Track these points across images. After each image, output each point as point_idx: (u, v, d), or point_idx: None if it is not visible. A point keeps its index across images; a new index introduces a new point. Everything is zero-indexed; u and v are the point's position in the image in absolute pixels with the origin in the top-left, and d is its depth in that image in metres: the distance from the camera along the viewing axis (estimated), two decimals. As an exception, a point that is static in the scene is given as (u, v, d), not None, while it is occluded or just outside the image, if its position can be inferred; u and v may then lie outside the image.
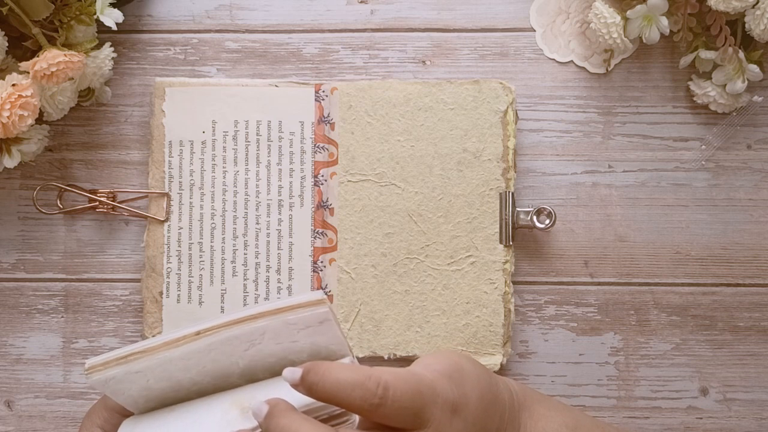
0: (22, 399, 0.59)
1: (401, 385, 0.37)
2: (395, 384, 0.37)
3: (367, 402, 0.36)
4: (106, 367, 0.39)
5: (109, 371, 0.39)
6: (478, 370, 0.42)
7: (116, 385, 0.40)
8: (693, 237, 0.59)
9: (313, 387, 0.37)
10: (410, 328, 0.57)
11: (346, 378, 0.37)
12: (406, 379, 0.37)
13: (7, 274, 0.60)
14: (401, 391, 0.37)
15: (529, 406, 0.46)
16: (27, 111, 0.52)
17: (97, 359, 0.40)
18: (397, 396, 0.37)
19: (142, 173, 0.60)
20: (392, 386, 0.37)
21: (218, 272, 0.58)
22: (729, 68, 0.57)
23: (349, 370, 0.37)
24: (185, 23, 0.61)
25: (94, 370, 0.39)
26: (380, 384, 0.37)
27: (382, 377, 0.37)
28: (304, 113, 0.58)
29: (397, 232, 0.58)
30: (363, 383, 0.37)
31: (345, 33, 0.60)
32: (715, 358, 0.59)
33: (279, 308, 0.38)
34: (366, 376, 0.37)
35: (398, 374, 0.37)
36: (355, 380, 0.37)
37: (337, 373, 0.37)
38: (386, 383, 0.37)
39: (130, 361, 0.39)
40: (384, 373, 0.37)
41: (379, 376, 0.37)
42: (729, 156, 0.59)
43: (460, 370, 0.41)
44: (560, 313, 0.59)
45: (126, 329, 0.59)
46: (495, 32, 0.60)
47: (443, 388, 0.39)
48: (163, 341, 0.39)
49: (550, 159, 0.59)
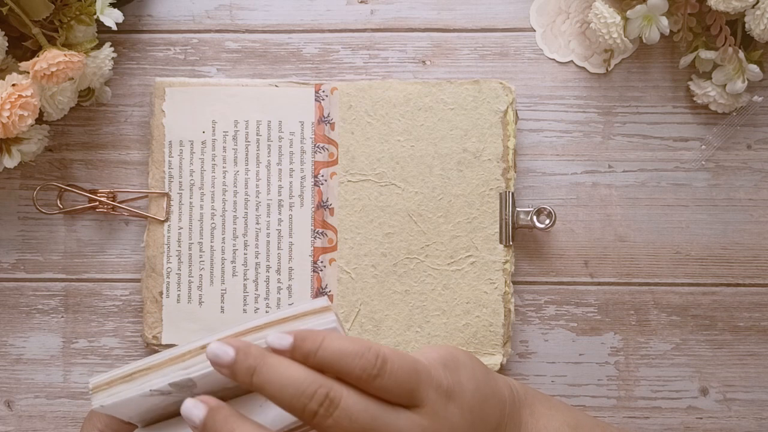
0: (22, 399, 0.59)
1: (399, 360, 0.37)
2: (393, 358, 0.37)
3: (366, 372, 0.37)
4: (111, 386, 0.39)
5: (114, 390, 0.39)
6: (474, 363, 0.42)
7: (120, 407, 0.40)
8: (693, 237, 0.59)
9: (310, 355, 0.37)
10: (410, 328, 0.57)
11: (347, 347, 0.37)
12: (403, 356, 0.38)
13: (7, 274, 0.60)
14: (398, 365, 0.37)
15: (531, 404, 0.46)
16: (27, 111, 0.52)
17: (101, 378, 0.39)
18: (395, 369, 0.37)
19: (142, 173, 0.60)
20: (390, 359, 0.37)
21: (218, 272, 0.58)
22: (729, 68, 0.57)
23: (348, 340, 0.37)
24: (185, 23, 0.61)
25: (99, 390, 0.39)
26: (379, 356, 0.37)
27: (381, 350, 0.37)
28: (304, 113, 0.58)
29: (397, 232, 0.58)
30: (363, 353, 0.37)
31: (345, 33, 0.60)
32: (715, 358, 0.59)
33: (285, 317, 0.38)
34: (366, 347, 0.37)
35: (396, 351, 0.38)
36: (355, 350, 0.37)
37: (339, 342, 0.37)
38: (385, 356, 0.37)
39: (134, 378, 0.39)
40: (383, 347, 0.38)
41: (379, 348, 0.37)
42: (729, 156, 0.59)
43: (455, 360, 0.41)
44: (560, 313, 0.59)
45: (126, 329, 0.59)
46: (495, 32, 0.60)
47: (438, 373, 0.39)
48: (169, 357, 0.39)
49: (550, 159, 0.59)
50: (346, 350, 0.37)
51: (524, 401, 0.46)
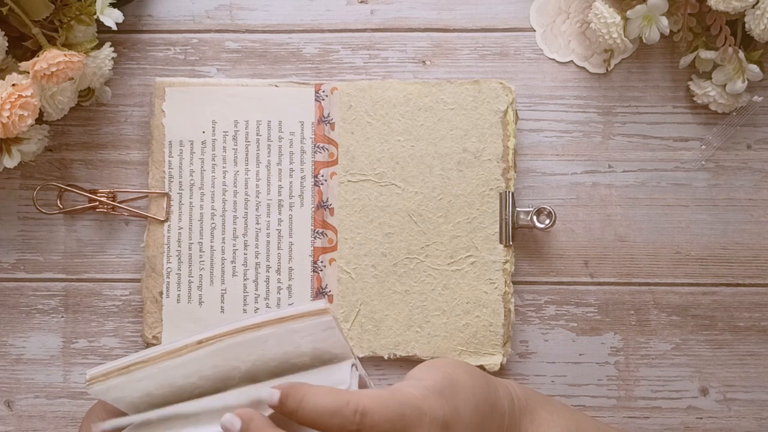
0: (22, 399, 0.59)
1: (380, 410, 0.37)
2: (373, 409, 0.37)
3: (345, 429, 0.36)
4: (107, 377, 0.39)
5: (111, 381, 0.39)
6: (474, 381, 0.41)
7: (117, 393, 0.40)
8: (693, 237, 0.59)
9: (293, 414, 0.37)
10: (410, 328, 0.57)
11: (324, 404, 0.37)
12: (386, 403, 0.37)
13: (7, 274, 0.60)
14: (380, 416, 0.37)
15: (531, 411, 0.45)
16: (27, 111, 0.52)
17: (97, 370, 0.39)
18: (375, 421, 0.37)
19: (142, 173, 0.60)
20: (370, 412, 0.37)
21: (218, 272, 0.58)
22: (729, 68, 0.57)
23: (327, 396, 0.37)
24: (185, 23, 0.61)
25: (95, 381, 0.39)
26: (358, 410, 0.36)
27: (360, 402, 0.37)
28: (304, 113, 0.58)
29: (397, 232, 0.58)
30: (341, 410, 0.36)
31: (345, 33, 0.60)
32: (715, 358, 0.59)
33: (282, 317, 0.38)
34: (344, 402, 0.37)
35: (378, 398, 0.37)
36: (333, 407, 0.36)
37: (315, 399, 0.37)
38: (364, 409, 0.36)
39: (131, 371, 0.39)
40: (363, 397, 0.37)
41: (357, 401, 0.37)
42: (729, 156, 0.59)
43: (452, 385, 0.40)
44: (560, 313, 0.59)
45: (126, 329, 0.59)
46: (495, 32, 0.60)
47: (432, 407, 0.38)
48: (165, 350, 0.39)
49: (550, 159, 0.59)
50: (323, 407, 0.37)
51: (525, 408, 0.45)
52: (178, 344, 0.39)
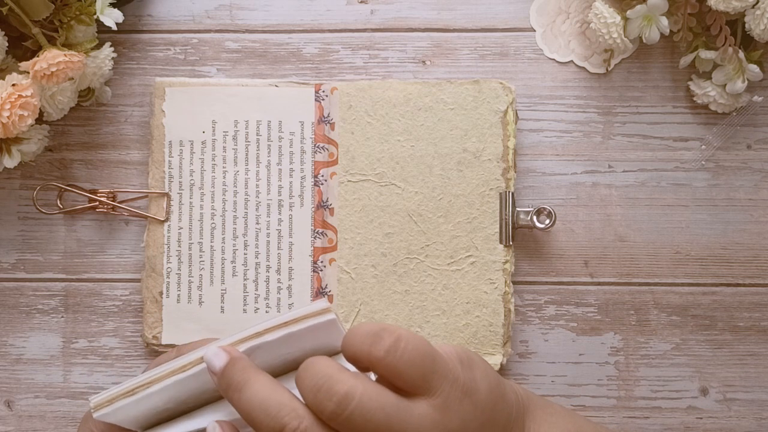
0: (22, 399, 0.59)
1: (414, 341, 0.37)
2: (408, 338, 0.37)
3: (376, 348, 0.37)
4: (112, 403, 0.39)
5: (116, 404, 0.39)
6: (486, 366, 0.42)
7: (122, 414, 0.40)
8: (693, 237, 0.59)
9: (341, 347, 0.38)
10: (410, 328, 0.57)
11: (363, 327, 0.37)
12: (421, 340, 0.38)
13: (7, 274, 0.60)
14: (413, 345, 0.37)
15: (533, 411, 0.46)
16: (27, 111, 0.52)
17: (102, 397, 0.39)
18: (408, 349, 0.37)
19: (142, 173, 0.60)
20: (405, 339, 0.37)
21: (218, 272, 0.58)
22: (729, 68, 0.57)
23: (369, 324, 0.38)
24: (185, 23, 0.61)
25: (101, 407, 0.39)
26: (393, 334, 0.37)
27: (397, 330, 0.37)
28: (304, 113, 0.58)
29: (397, 232, 0.58)
30: (377, 332, 0.37)
31: (345, 33, 0.60)
32: (715, 358, 0.59)
33: (285, 322, 0.38)
34: (382, 328, 0.37)
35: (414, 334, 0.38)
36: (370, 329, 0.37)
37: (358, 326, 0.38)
38: (399, 335, 0.37)
39: (136, 392, 0.39)
40: (400, 328, 0.38)
41: (395, 329, 0.37)
42: (729, 156, 0.59)
43: (470, 359, 0.41)
44: (560, 313, 0.59)
45: (126, 329, 0.59)
46: (495, 32, 0.60)
47: (455, 367, 0.39)
48: (170, 370, 0.39)
49: (550, 159, 0.59)
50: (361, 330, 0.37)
51: (527, 407, 0.45)
52: (182, 362, 0.39)
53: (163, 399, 0.39)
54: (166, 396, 0.39)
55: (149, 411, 0.40)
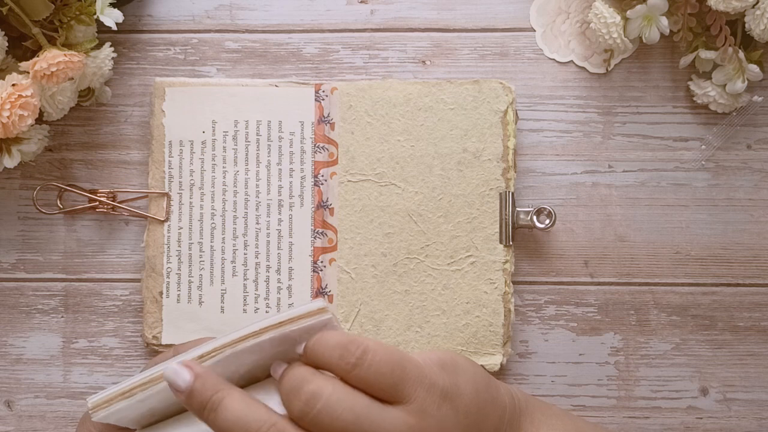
0: (22, 399, 0.59)
1: (382, 353, 0.38)
2: (375, 350, 0.38)
3: (344, 360, 0.37)
4: (110, 403, 0.39)
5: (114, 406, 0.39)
6: (475, 369, 0.42)
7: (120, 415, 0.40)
8: (693, 237, 0.59)
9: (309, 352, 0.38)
10: (410, 328, 0.57)
11: (331, 338, 0.38)
12: (389, 350, 0.38)
13: (7, 274, 0.60)
14: (380, 357, 0.37)
15: (531, 413, 0.46)
16: (27, 111, 0.52)
17: (99, 397, 0.39)
18: (376, 360, 0.37)
19: (142, 173, 0.60)
20: (372, 351, 0.37)
21: (218, 272, 0.58)
22: (729, 68, 0.57)
23: (337, 335, 0.38)
24: (185, 23, 0.61)
25: (99, 408, 0.39)
26: (360, 347, 0.37)
27: (365, 342, 0.38)
28: (304, 113, 0.58)
29: (397, 232, 0.58)
30: (345, 345, 0.38)
31: (345, 33, 0.60)
32: (715, 358, 0.59)
33: (282, 321, 0.38)
34: (350, 340, 0.38)
35: (384, 345, 0.38)
36: (338, 341, 0.38)
37: (327, 336, 0.38)
38: (366, 347, 0.38)
39: (134, 394, 0.39)
40: (370, 340, 0.38)
41: (362, 341, 0.38)
42: (729, 156, 0.59)
43: (454, 363, 0.41)
44: (560, 313, 0.59)
45: (126, 329, 0.59)
46: (495, 32, 0.60)
47: (433, 372, 0.39)
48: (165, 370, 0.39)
49: (550, 159, 0.59)
50: (329, 342, 0.38)
51: (525, 410, 0.45)
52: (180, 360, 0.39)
53: (159, 398, 0.39)
54: (162, 396, 0.39)
55: (147, 410, 0.40)
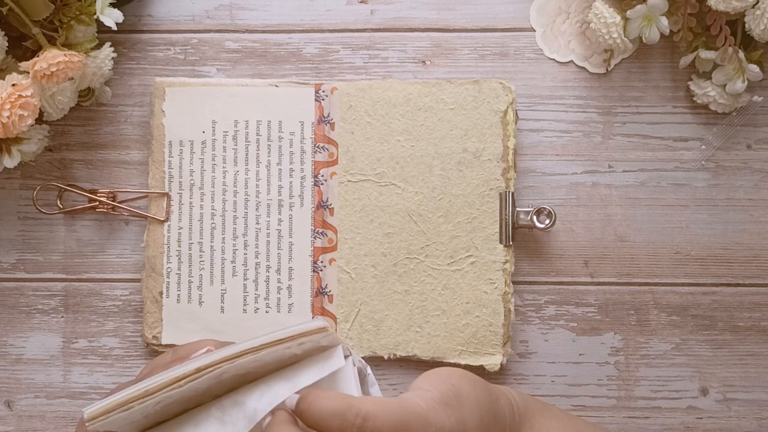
0: (22, 399, 0.59)
1: (383, 416, 0.36)
2: (376, 414, 0.36)
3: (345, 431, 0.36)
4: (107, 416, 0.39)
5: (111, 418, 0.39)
6: (477, 391, 0.41)
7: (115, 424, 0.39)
8: (693, 237, 0.59)
9: (303, 415, 0.37)
10: (410, 328, 0.57)
11: (327, 407, 0.37)
12: (389, 410, 0.37)
13: (7, 274, 0.60)
14: (382, 422, 0.36)
15: (531, 418, 0.45)
16: (27, 111, 0.52)
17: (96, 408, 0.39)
18: (377, 427, 0.36)
19: (142, 173, 0.60)
20: (372, 417, 0.36)
21: (218, 272, 0.58)
22: (729, 68, 0.57)
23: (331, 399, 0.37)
24: (185, 23, 0.61)
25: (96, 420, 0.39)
26: (359, 414, 0.36)
27: (363, 407, 0.36)
28: (304, 113, 0.58)
29: (397, 232, 0.58)
30: (343, 413, 0.36)
31: (345, 33, 0.60)
32: (715, 358, 0.59)
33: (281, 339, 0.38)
34: (347, 406, 0.37)
35: (382, 404, 0.37)
36: (335, 410, 0.37)
37: (321, 401, 0.37)
38: (366, 414, 0.36)
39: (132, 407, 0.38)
40: (366, 403, 0.37)
41: (360, 406, 0.37)
42: (729, 156, 0.59)
43: (458, 396, 0.40)
44: (560, 313, 0.59)
45: (126, 329, 0.59)
46: (495, 32, 0.60)
47: (438, 418, 0.38)
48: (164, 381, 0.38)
49: (550, 159, 0.59)
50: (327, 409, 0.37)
51: (524, 416, 0.45)
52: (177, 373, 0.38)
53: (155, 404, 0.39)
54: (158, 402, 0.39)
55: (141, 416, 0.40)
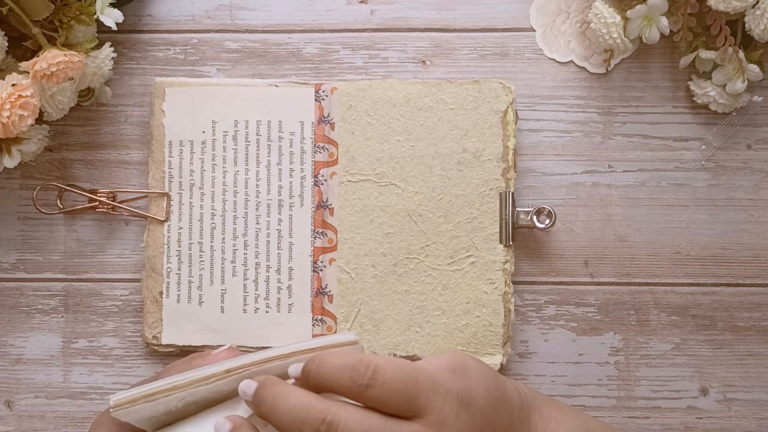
0: (22, 399, 0.59)
1: (393, 369, 0.37)
2: (386, 367, 0.37)
3: (356, 383, 0.37)
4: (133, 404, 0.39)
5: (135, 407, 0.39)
6: (483, 368, 0.42)
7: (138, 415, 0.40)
8: (693, 237, 0.59)
9: (311, 375, 0.37)
10: (410, 328, 0.57)
11: (337, 362, 0.37)
12: (400, 365, 0.37)
13: (7, 274, 0.60)
14: (392, 374, 0.37)
15: (539, 408, 0.45)
16: (27, 111, 0.52)
17: (123, 397, 0.39)
18: (387, 378, 0.37)
19: (142, 173, 0.60)
20: (383, 369, 0.37)
21: (218, 272, 0.58)
22: (729, 68, 0.57)
23: (341, 356, 0.37)
24: (185, 23, 0.61)
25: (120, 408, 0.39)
26: (370, 366, 0.37)
27: (374, 360, 0.37)
28: (304, 113, 0.58)
29: (397, 232, 0.58)
30: (354, 366, 0.37)
31: (345, 33, 0.60)
32: (715, 358, 0.59)
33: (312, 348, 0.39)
34: (357, 360, 0.37)
35: (392, 360, 0.38)
36: (345, 363, 0.37)
37: (330, 358, 0.37)
38: (376, 366, 0.37)
39: (157, 398, 0.39)
40: (377, 357, 0.37)
41: (370, 359, 0.37)
42: (729, 156, 0.59)
43: (464, 367, 0.40)
44: (560, 313, 0.59)
45: (126, 329, 0.59)
46: (495, 32, 0.60)
47: (446, 380, 0.39)
48: (192, 379, 0.39)
49: (550, 159, 0.59)
50: (337, 364, 0.37)
51: (532, 405, 0.45)
52: (205, 372, 0.39)
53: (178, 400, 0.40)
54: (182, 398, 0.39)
55: (161, 413, 0.40)
